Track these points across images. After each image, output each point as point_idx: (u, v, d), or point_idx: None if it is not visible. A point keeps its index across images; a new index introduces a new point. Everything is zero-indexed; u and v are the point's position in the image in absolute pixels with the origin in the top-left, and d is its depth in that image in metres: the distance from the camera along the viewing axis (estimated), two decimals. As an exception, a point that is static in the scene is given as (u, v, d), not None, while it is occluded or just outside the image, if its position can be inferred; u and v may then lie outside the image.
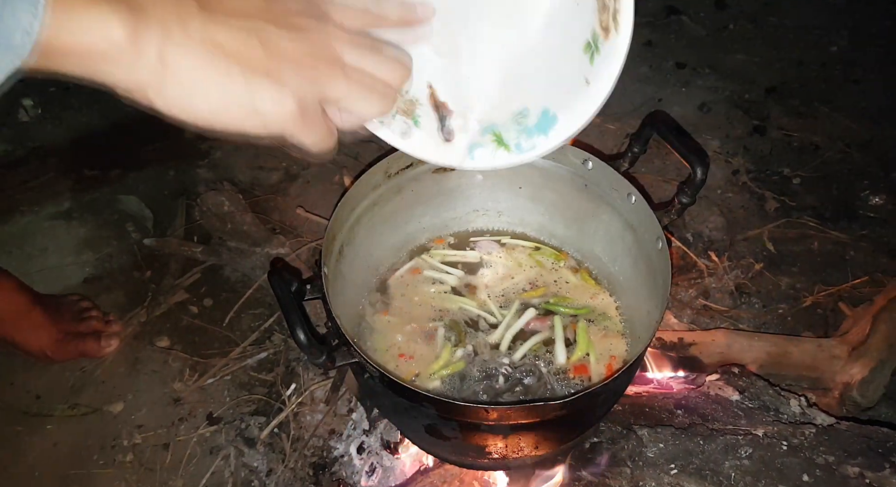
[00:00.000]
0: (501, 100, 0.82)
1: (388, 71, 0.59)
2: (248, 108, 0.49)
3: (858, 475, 0.97)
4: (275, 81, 0.50)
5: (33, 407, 1.32)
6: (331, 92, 0.54)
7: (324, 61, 0.53)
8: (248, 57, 0.48)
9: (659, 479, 1.00)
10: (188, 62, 0.46)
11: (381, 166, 1.06)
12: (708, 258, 1.50)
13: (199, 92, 0.47)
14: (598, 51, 0.72)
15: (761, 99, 1.96)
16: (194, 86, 0.47)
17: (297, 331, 0.78)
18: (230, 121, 0.49)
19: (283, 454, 1.21)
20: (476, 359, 1.06)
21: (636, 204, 1.01)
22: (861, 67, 2.06)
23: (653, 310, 0.97)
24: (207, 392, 1.33)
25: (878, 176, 1.71)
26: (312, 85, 0.52)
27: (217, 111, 0.48)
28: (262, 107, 0.49)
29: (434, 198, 1.20)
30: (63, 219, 1.67)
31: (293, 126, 0.52)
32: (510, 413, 0.79)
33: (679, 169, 1.69)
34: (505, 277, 1.19)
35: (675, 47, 2.16)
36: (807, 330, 1.38)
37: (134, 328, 1.43)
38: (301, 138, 0.53)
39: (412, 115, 0.82)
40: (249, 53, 0.48)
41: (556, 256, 1.22)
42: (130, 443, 1.26)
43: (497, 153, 0.84)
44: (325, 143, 0.56)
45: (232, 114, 0.49)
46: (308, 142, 0.54)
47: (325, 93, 0.54)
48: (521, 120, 0.82)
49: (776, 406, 1.12)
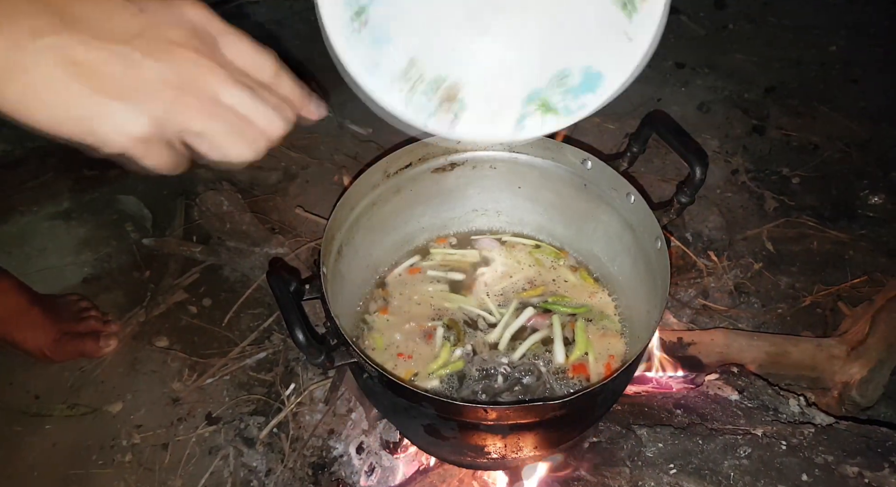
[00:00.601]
0: (541, 64, 0.83)
1: (264, 120, 0.58)
2: (87, 126, 0.50)
3: (857, 474, 0.97)
4: (124, 105, 0.50)
5: (32, 407, 1.32)
6: (190, 125, 0.54)
7: (191, 94, 0.53)
8: (101, 77, 0.49)
9: (658, 479, 1.00)
10: (34, 71, 0.47)
11: (380, 166, 1.06)
12: (707, 257, 1.50)
13: (38, 101, 0.48)
14: (634, 8, 0.76)
15: (760, 98, 1.96)
16: (35, 95, 0.47)
17: (296, 331, 0.78)
18: (69, 133, 0.50)
19: (283, 454, 1.21)
20: (475, 359, 1.06)
21: (635, 203, 1.01)
22: (860, 67, 2.06)
23: (652, 310, 0.97)
24: (206, 392, 1.33)
25: (877, 175, 1.71)
26: (169, 115, 0.52)
27: (55, 122, 0.49)
28: (101, 128, 0.50)
29: (433, 198, 1.20)
30: (62, 218, 1.67)
31: (135, 148, 0.52)
32: (509, 413, 0.79)
33: (678, 168, 1.69)
34: (504, 276, 1.20)
35: (674, 47, 2.16)
36: (806, 330, 1.38)
37: (133, 328, 1.43)
38: (143, 161, 0.53)
39: (456, 99, 0.84)
40: (104, 74, 0.49)
41: (556, 254, 1.22)
42: (129, 443, 1.25)
43: (546, 119, 0.86)
44: (171, 169, 0.56)
45: (70, 127, 0.49)
46: (149, 165, 0.54)
47: (183, 125, 0.53)
48: (565, 80, 0.84)
49: (775, 406, 1.12)
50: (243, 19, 2.24)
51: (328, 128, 1.87)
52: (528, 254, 1.23)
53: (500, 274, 1.20)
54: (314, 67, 2.09)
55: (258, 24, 2.26)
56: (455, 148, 1.12)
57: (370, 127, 1.87)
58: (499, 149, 1.13)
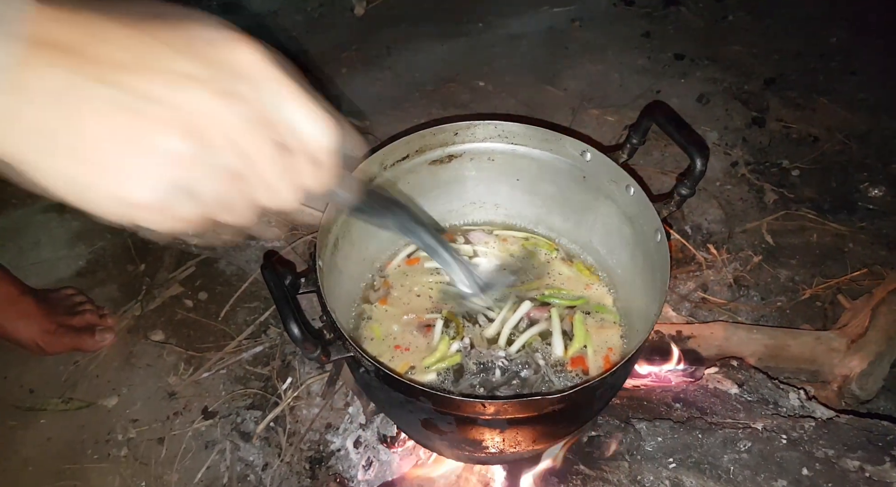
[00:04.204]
0: None
1: (266, 189, 0.52)
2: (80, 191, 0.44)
3: (858, 468, 0.97)
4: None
5: (27, 401, 1.31)
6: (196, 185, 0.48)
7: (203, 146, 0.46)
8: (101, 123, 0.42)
9: (657, 473, 0.99)
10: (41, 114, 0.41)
11: (376, 158, 1.05)
12: (706, 250, 1.49)
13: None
14: None
15: (760, 90, 1.95)
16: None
17: (291, 326, 0.77)
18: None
19: (280, 448, 1.21)
20: (472, 352, 1.05)
21: (635, 196, 1.00)
22: (860, 59, 2.04)
23: (651, 303, 0.96)
24: (202, 386, 1.32)
25: (876, 167, 1.71)
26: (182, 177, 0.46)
27: None
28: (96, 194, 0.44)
29: (430, 191, 1.18)
30: (56, 211, 1.65)
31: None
32: (507, 408, 0.79)
33: (677, 161, 1.68)
34: (499, 270, 1.18)
35: (673, 38, 2.14)
36: (805, 323, 1.38)
37: (128, 321, 1.42)
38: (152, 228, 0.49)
39: None
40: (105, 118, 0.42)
41: (549, 246, 1.21)
42: (125, 438, 1.25)
43: None
44: (188, 232, 0.51)
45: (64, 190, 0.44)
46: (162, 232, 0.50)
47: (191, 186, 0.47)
48: None
49: (775, 400, 1.11)
50: (237, 10, 2.22)
51: (325, 121, 1.86)
52: (521, 247, 1.22)
53: (495, 266, 1.19)
54: (308, 58, 2.08)
55: (253, 14, 2.24)
56: (453, 140, 1.11)
57: (367, 119, 1.85)
58: (497, 141, 1.12)
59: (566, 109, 1.88)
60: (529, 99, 1.92)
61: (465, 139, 1.12)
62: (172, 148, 0.44)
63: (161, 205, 0.46)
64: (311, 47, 2.11)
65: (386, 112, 1.89)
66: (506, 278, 1.14)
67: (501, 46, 2.14)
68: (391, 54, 2.11)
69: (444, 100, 1.95)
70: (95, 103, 0.41)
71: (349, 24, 2.25)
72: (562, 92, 1.95)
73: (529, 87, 1.96)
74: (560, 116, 1.85)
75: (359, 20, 2.27)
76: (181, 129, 0.43)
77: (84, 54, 0.41)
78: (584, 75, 2.00)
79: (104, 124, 0.42)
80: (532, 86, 1.97)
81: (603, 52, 2.08)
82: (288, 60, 0.57)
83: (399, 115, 1.87)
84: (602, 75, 2.00)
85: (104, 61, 0.42)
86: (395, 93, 1.97)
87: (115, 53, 0.42)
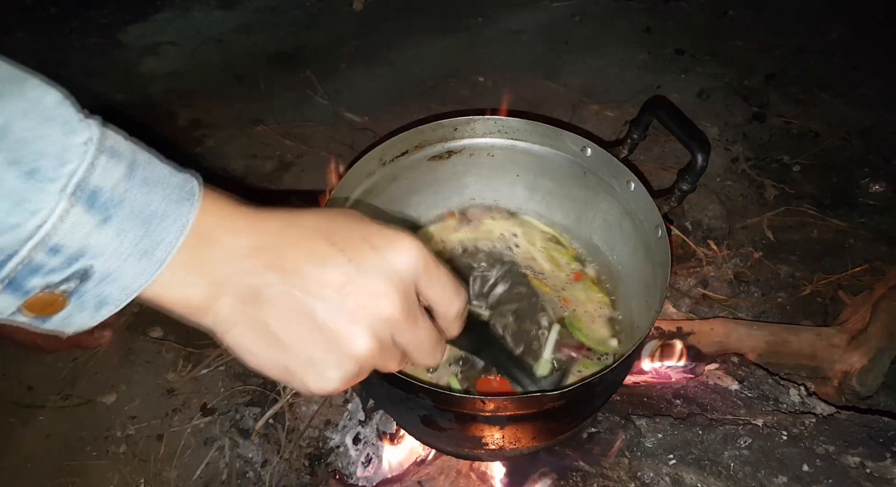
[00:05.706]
0: None
1: None
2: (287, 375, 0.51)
3: (859, 465, 0.96)
4: None
5: (26, 398, 1.31)
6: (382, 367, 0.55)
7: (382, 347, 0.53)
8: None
9: (657, 469, 0.99)
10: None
11: (375, 153, 1.04)
12: (707, 246, 1.49)
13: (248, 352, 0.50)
14: None
15: (761, 86, 1.94)
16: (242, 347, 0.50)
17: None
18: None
19: (279, 445, 1.20)
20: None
21: (636, 191, 1.00)
22: (861, 54, 2.04)
23: (651, 299, 0.95)
24: (201, 382, 1.32)
25: (877, 163, 1.70)
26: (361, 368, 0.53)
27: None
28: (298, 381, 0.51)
29: (429, 187, 1.18)
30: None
31: None
32: (507, 404, 0.78)
33: (678, 156, 1.68)
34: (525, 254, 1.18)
35: (674, 33, 2.14)
36: (806, 319, 1.37)
37: (127, 318, 1.42)
38: None
39: None
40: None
41: (570, 257, 1.17)
42: (124, 434, 1.25)
43: None
44: None
45: None
46: None
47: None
48: None
49: (776, 396, 1.11)
50: (238, 5, 2.21)
51: (323, 117, 1.85)
52: (544, 241, 1.19)
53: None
54: (308, 54, 2.07)
55: (254, 10, 2.23)
56: (452, 135, 1.11)
57: (366, 115, 1.85)
58: (496, 136, 1.12)
59: (566, 105, 1.87)
60: (529, 94, 1.92)
61: (465, 134, 1.12)
62: (361, 347, 0.50)
63: None
64: (310, 42, 2.11)
65: (385, 107, 1.88)
66: None
67: (501, 42, 2.13)
68: (390, 49, 2.11)
69: (443, 95, 1.94)
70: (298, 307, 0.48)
71: (348, 20, 2.24)
72: (562, 87, 1.94)
73: (529, 83, 1.96)
74: (560, 112, 1.85)
75: (358, 15, 2.26)
76: (366, 332, 0.50)
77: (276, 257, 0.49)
78: (584, 71, 1.99)
79: (303, 329, 0.49)
80: (532, 82, 1.96)
81: (603, 48, 2.07)
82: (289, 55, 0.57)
83: (398, 111, 1.87)
84: (602, 71, 1.99)
85: (296, 271, 0.49)
86: (395, 89, 1.96)
87: (300, 259, 0.49)
